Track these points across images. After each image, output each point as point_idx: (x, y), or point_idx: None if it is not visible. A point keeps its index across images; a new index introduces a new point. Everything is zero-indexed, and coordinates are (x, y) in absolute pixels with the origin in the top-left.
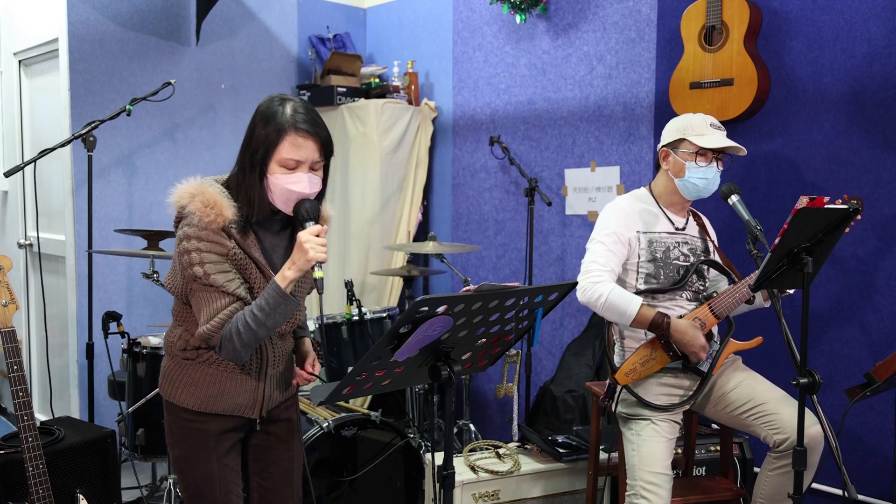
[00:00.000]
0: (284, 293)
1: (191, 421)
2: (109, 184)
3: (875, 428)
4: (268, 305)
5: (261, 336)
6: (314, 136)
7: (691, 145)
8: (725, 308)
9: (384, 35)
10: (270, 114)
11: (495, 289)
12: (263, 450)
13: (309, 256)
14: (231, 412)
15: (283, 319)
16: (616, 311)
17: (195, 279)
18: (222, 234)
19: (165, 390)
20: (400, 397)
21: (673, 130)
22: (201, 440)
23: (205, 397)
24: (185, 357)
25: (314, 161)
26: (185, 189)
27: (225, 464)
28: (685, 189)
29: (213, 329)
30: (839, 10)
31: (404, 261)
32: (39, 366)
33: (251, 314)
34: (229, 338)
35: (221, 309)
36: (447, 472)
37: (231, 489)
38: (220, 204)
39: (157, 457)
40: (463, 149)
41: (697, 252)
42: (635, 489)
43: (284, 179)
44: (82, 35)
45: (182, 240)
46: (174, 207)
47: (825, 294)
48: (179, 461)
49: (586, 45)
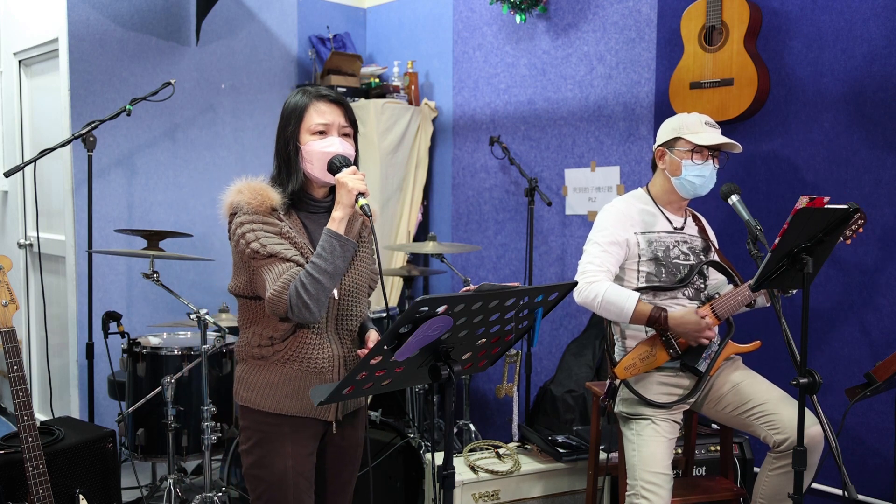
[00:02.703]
0: (339, 234)
1: (267, 423)
2: (109, 184)
3: (875, 428)
4: (325, 251)
5: (326, 286)
6: (337, 102)
7: (687, 143)
8: (728, 310)
9: (384, 35)
10: (294, 99)
11: (495, 289)
12: (330, 461)
13: (349, 187)
14: (306, 413)
15: (343, 263)
16: (613, 309)
17: (255, 256)
18: (272, 216)
19: (241, 395)
20: (400, 397)
21: (668, 129)
22: (276, 443)
23: (280, 397)
24: (259, 357)
25: (341, 125)
26: (230, 189)
27: (299, 472)
28: (682, 187)
29: (279, 290)
30: (839, 10)
31: (404, 261)
32: (39, 366)
33: (312, 265)
34: (296, 294)
35: (283, 272)
36: (447, 472)
37: (303, 499)
38: (266, 190)
39: (157, 457)
40: (463, 149)
41: (697, 251)
42: (635, 489)
43: (318, 145)
44: (82, 35)
45: (236, 229)
46: (226, 211)
47: (825, 294)
48: (253, 466)
49: (586, 45)
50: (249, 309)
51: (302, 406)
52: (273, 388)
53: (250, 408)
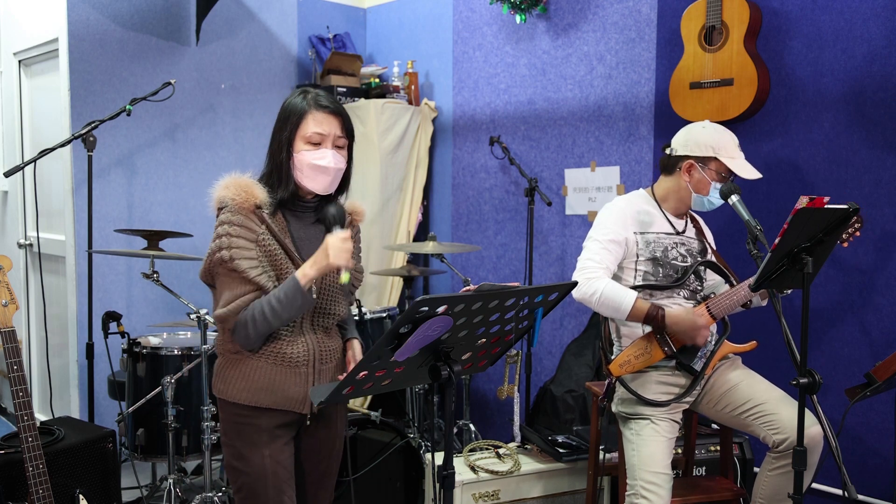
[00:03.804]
0: (301, 289)
1: (243, 416)
2: (109, 184)
3: (875, 428)
4: (285, 298)
5: (274, 326)
6: (335, 112)
7: (723, 167)
8: (723, 309)
9: (384, 35)
10: (294, 102)
11: (495, 289)
12: (306, 451)
13: (329, 261)
14: (282, 406)
15: (297, 314)
16: (611, 306)
17: (221, 263)
18: (254, 216)
19: (218, 388)
20: (400, 397)
21: (704, 146)
22: (253, 435)
23: (256, 390)
24: (235, 351)
25: (337, 136)
26: (219, 184)
27: (278, 461)
28: (700, 203)
29: (230, 312)
30: (839, 10)
31: (404, 261)
32: (39, 366)
33: (268, 303)
34: (244, 324)
35: (241, 295)
36: (447, 472)
37: (284, 489)
38: (252, 187)
39: (157, 457)
40: (463, 149)
41: (694, 253)
42: (635, 489)
43: (310, 156)
44: (82, 35)
45: (217, 226)
46: (214, 204)
47: (825, 294)
48: (233, 458)
49: (586, 45)
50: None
51: (277, 398)
52: (248, 382)
53: (227, 400)
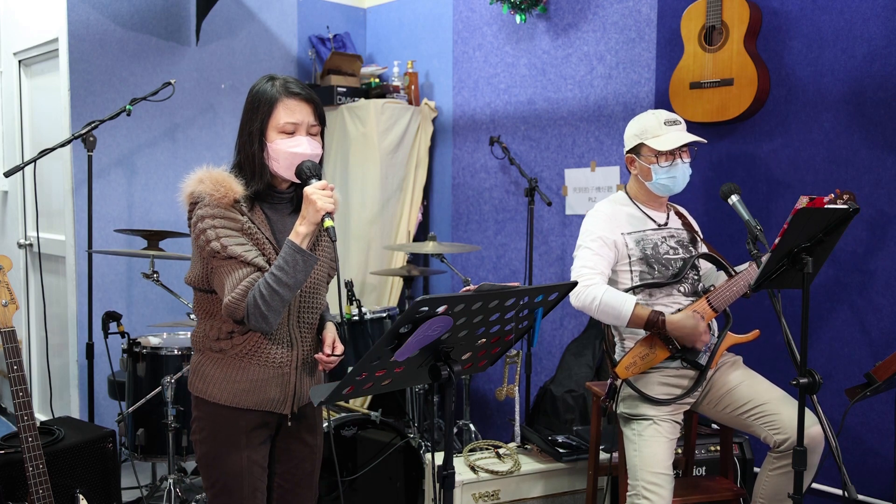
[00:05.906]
0: (301, 248)
1: (222, 416)
2: (109, 184)
3: (875, 428)
4: (286, 264)
5: (285, 298)
6: (307, 99)
7: (650, 150)
8: (723, 301)
9: (384, 35)
10: (263, 89)
11: (495, 289)
12: (288, 451)
13: (318, 206)
14: (262, 407)
15: (304, 277)
16: (611, 313)
17: (214, 255)
18: (234, 209)
19: (196, 386)
20: (400, 397)
21: (631, 136)
22: (232, 436)
23: (236, 391)
24: (217, 350)
25: (310, 124)
26: (191, 178)
27: (254, 461)
28: (657, 189)
29: (236, 298)
30: (839, 10)
31: (404, 261)
32: (39, 366)
33: (272, 276)
34: (254, 304)
35: (243, 278)
36: (447, 472)
37: (258, 486)
38: (229, 181)
39: (157, 457)
40: (463, 149)
41: (685, 243)
42: (637, 489)
43: (285, 144)
44: (82, 35)
45: (197, 222)
46: (185, 199)
47: (825, 294)
48: (207, 457)
49: (586, 45)
50: (207, 301)
51: (258, 400)
52: (231, 383)
53: (206, 400)
